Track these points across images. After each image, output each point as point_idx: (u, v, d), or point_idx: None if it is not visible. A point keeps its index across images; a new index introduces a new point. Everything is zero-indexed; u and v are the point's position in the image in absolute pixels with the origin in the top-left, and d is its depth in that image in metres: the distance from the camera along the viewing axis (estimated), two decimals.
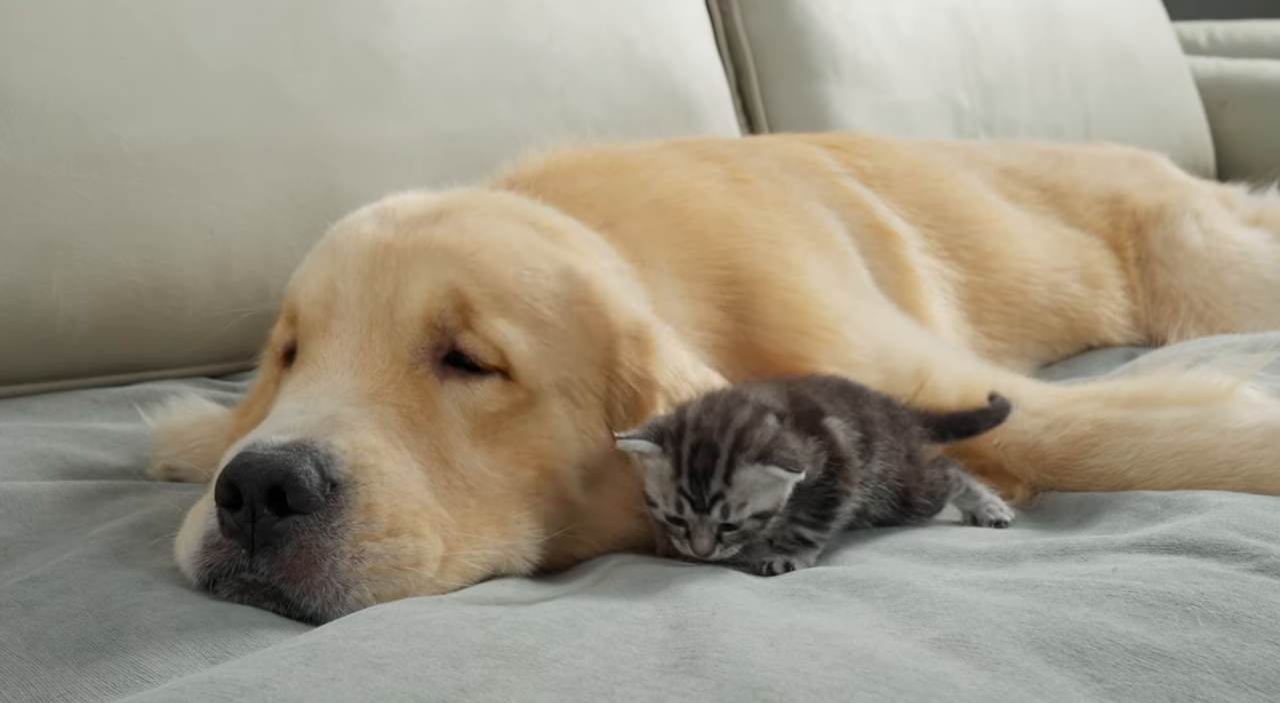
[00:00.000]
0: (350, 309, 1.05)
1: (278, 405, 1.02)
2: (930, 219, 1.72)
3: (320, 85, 1.72)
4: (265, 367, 1.22)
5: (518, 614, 0.84)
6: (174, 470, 1.32)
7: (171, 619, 0.87)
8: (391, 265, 1.07)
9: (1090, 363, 1.76)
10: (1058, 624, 0.81)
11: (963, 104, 2.74)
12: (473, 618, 0.83)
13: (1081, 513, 1.14)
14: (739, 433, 0.95)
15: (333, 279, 1.07)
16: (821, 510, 1.00)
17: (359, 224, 1.13)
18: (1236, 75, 3.54)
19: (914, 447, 1.10)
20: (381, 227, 1.11)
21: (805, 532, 1.00)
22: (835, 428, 1.01)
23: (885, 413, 1.10)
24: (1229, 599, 0.84)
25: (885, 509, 1.08)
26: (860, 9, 2.59)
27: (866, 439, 1.04)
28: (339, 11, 1.75)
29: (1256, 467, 1.10)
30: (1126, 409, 1.18)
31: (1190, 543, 0.96)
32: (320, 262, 1.11)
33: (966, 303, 1.71)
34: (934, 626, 0.82)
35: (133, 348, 1.58)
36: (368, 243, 1.09)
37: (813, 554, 1.01)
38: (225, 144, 1.62)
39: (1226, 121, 3.48)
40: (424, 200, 1.17)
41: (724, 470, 0.94)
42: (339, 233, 1.14)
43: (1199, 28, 3.82)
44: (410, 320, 1.04)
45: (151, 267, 1.56)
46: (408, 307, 1.04)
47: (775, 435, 0.96)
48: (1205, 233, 1.99)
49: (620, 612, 0.86)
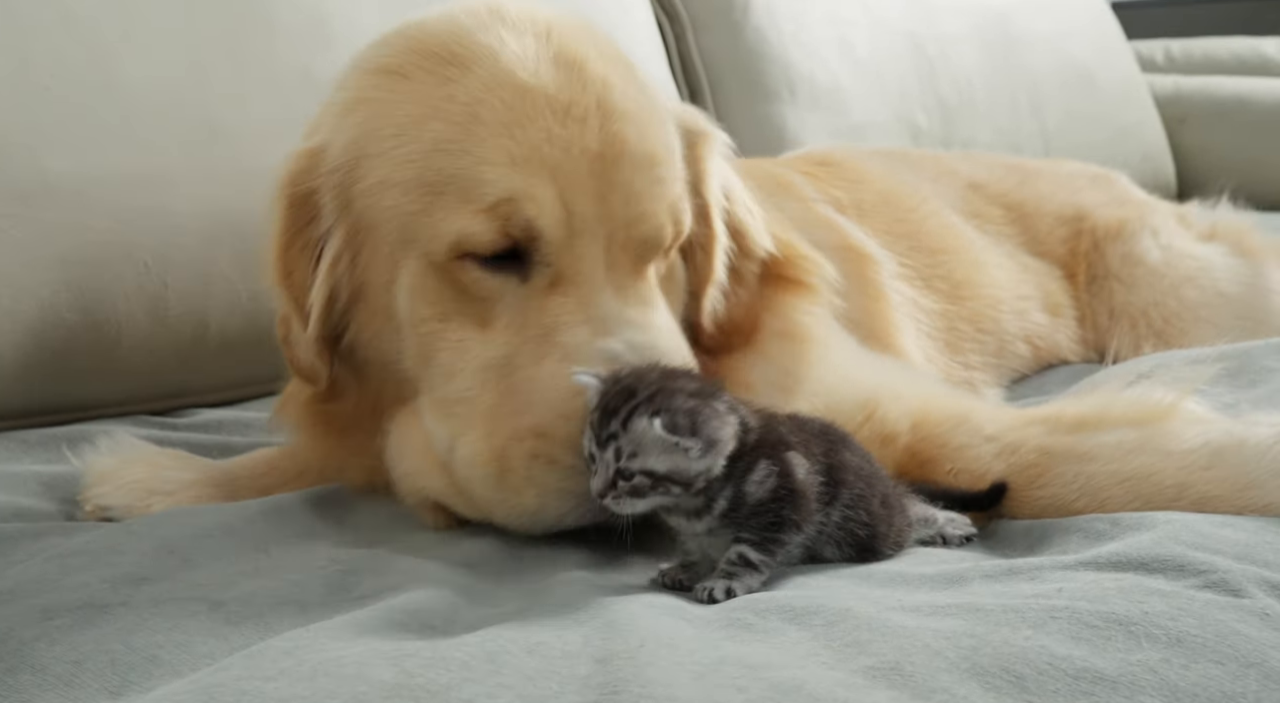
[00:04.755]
0: (589, 226, 1.09)
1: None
2: (904, 248, 1.70)
3: (259, 113, 1.68)
4: (456, 271, 1.10)
5: (436, 648, 0.81)
6: (106, 510, 1.28)
7: (71, 652, 0.84)
8: (613, 179, 1.10)
9: (1047, 381, 1.74)
10: (997, 649, 0.78)
11: (921, 125, 2.74)
12: (388, 655, 0.79)
13: (1033, 537, 1.11)
14: (660, 390, 0.94)
15: (567, 197, 1.08)
16: (768, 533, 0.97)
17: (552, 123, 1.09)
18: (1194, 92, 3.56)
19: (888, 492, 1.07)
20: (580, 133, 1.09)
21: (749, 553, 0.97)
22: (795, 462, 0.98)
23: (866, 464, 1.07)
24: (1174, 618, 0.81)
25: (839, 554, 1.06)
26: (815, 31, 2.59)
27: (832, 486, 1.01)
28: (278, 37, 1.73)
29: (1204, 489, 1.07)
30: (1070, 434, 1.15)
31: (1137, 560, 0.93)
32: (536, 172, 1.07)
33: (943, 332, 1.68)
34: (870, 653, 0.79)
35: (66, 387, 1.54)
36: (582, 156, 1.09)
37: (756, 579, 0.98)
38: (159, 175, 1.58)
39: (1186, 138, 3.50)
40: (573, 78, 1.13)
41: (625, 415, 0.94)
42: (526, 148, 1.08)
43: (1156, 46, 3.84)
44: (649, 240, 1.12)
45: (83, 303, 1.52)
46: (644, 227, 1.11)
47: (696, 409, 0.94)
48: (1163, 249, 1.98)
49: (546, 645, 0.82)
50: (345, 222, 1.13)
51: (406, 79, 1.12)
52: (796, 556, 1.02)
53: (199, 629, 0.91)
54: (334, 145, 1.13)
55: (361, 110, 1.13)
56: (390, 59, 1.15)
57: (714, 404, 0.96)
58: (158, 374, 1.61)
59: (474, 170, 1.07)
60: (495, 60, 1.10)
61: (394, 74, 1.13)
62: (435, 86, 1.10)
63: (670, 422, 0.93)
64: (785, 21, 2.53)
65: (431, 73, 1.11)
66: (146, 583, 1.00)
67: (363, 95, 1.14)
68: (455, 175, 1.08)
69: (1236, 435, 1.10)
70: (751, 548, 0.97)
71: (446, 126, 1.09)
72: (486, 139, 1.07)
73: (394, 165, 1.10)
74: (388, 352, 1.17)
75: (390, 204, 1.10)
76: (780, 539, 0.98)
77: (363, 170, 1.12)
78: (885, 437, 1.21)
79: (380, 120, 1.12)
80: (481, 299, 1.10)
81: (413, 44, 1.15)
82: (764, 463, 0.96)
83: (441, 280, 1.10)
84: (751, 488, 0.96)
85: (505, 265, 1.09)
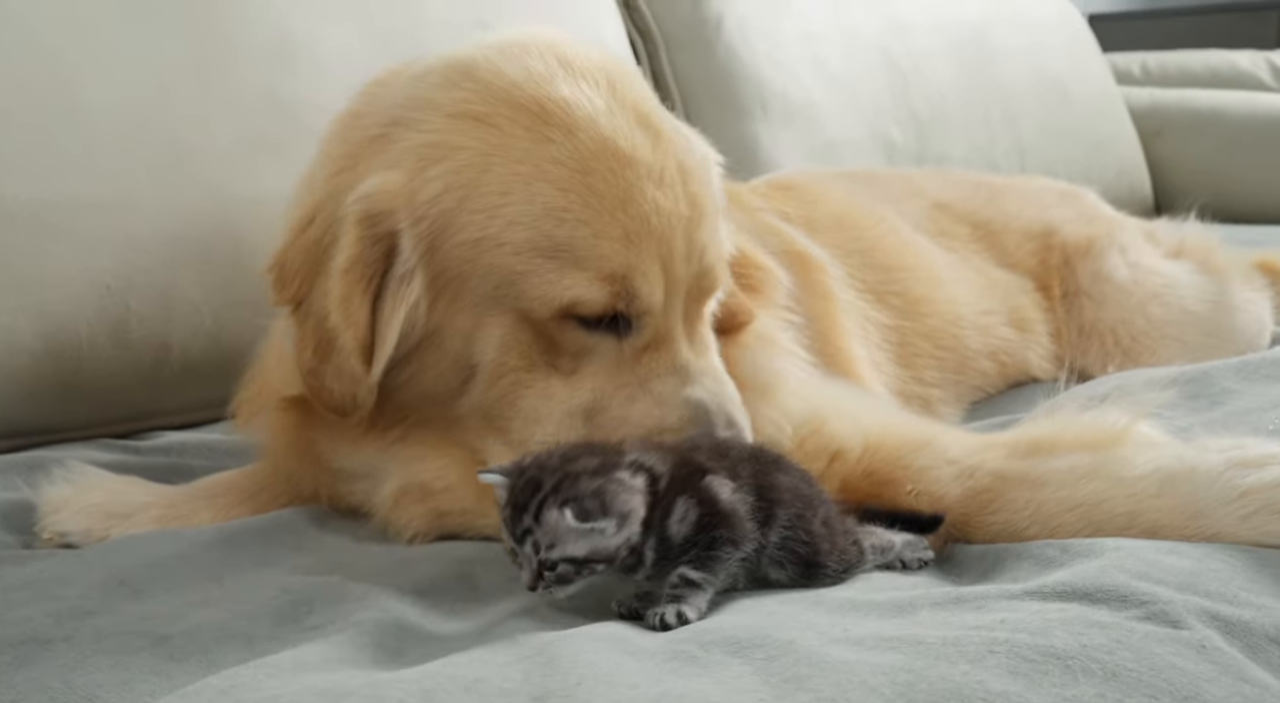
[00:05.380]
0: (679, 288, 1.15)
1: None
2: (857, 264, 1.70)
3: (224, 136, 1.68)
4: (561, 331, 1.14)
5: (374, 687, 0.80)
6: (65, 536, 1.28)
7: (8, 691, 0.83)
8: (694, 240, 1.16)
9: (1013, 401, 1.74)
10: (934, 685, 0.78)
11: (895, 140, 2.75)
12: (325, 693, 0.79)
13: (986, 563, 1.11)
14: (565, 477, 0.95)
15: (664, 266, 1.13)
16: (705, 552, 0.98)
17: (655, 193, 1.13)
18: (1170, 105, 3.58)
19: (830, 514, 1.07)
20: (674, 199, 1.14)
21: (689, 573, 0.97)
22: (715, 485, 0.99)
23: (804, 486, 1.07)
24: (1111, 652, 0.81)
25: (784, 574, 1.06)
26: (789, 49, 2.60)
27: (766, 505, 1.02)
28: (242, 61, 1.72)
29: (1154, 517, 1.07)
30: (1024, 459, 1.15)
31: (1082, 590, 0.93)
32: (645, 246, 1.12)
33: (895, 346, 1.68)
34: (808, 690, 0.79)
35: (27, 412, 1.53)
36: (678, 222, 1.14)
37: (702, 597, 0.99)
38: (121, 200, 1.58)
39: (1162, 151, 3.51)
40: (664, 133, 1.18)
41: (535, 508, 0.95)
42: (637, 222, 1.12)
43: (1133, 58, 3.86)
44: (712, 286, 1.20)
45: (43, 327, 1.51)
46: (711, 277, 1.19)
47: (601, 488, 0.95)
48: (1131, 266, 1.99)
49: (484, 682, 0.82)
50: (428, 268, 1.13)
51: (500, 132, 1.12)
52: (740, 576, 1.02)
53: (141, 667, 0.91)
54: (423, 192, 1.12)
55: (453, 158, 1.12)
56: (475, 106, 1.14)
57: (618, 476, 0.97)
58: (120, 398, 1.60)
59: (591, 243, 1.11)
60: (594, 125, 1.13)
61: (484, 123, 1.13)
62: (535, 145, 1.12)
63: (579, 509, 0.94)
64: (758, 39, 2.53)
65: (529, 130, 1.12)
66: (93, 616, 1.00)
67: (450, 141, 1.13)
68: (570, 244, 1.11)
69: (1187, 462, 1.10)
70: (690, 568, 0.97)
71: (557, 193, 1.11)
72: (602, 213, 1.11)
73: (501, 226, 1.11)
74: (447, 393, 1.18)
75: (492, 262, 1.11)
76: (717, 556, 0.98)
77: (460, 224, 1.12)
78: (834, 453, 1.21)
79: (479, 174, 1.11)
80: (572, 354, 1.14)
81: (495, 92, 1.14)
82: (680, 501, 0.98)
83: (536, 335, 1.14)
84: (674, 529, 0.97)
85: (602, 325, 1.14)
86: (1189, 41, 4.05)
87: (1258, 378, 1.53)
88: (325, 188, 1.18)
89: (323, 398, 1.17)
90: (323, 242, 1.15)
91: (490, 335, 1.14)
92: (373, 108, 1.22)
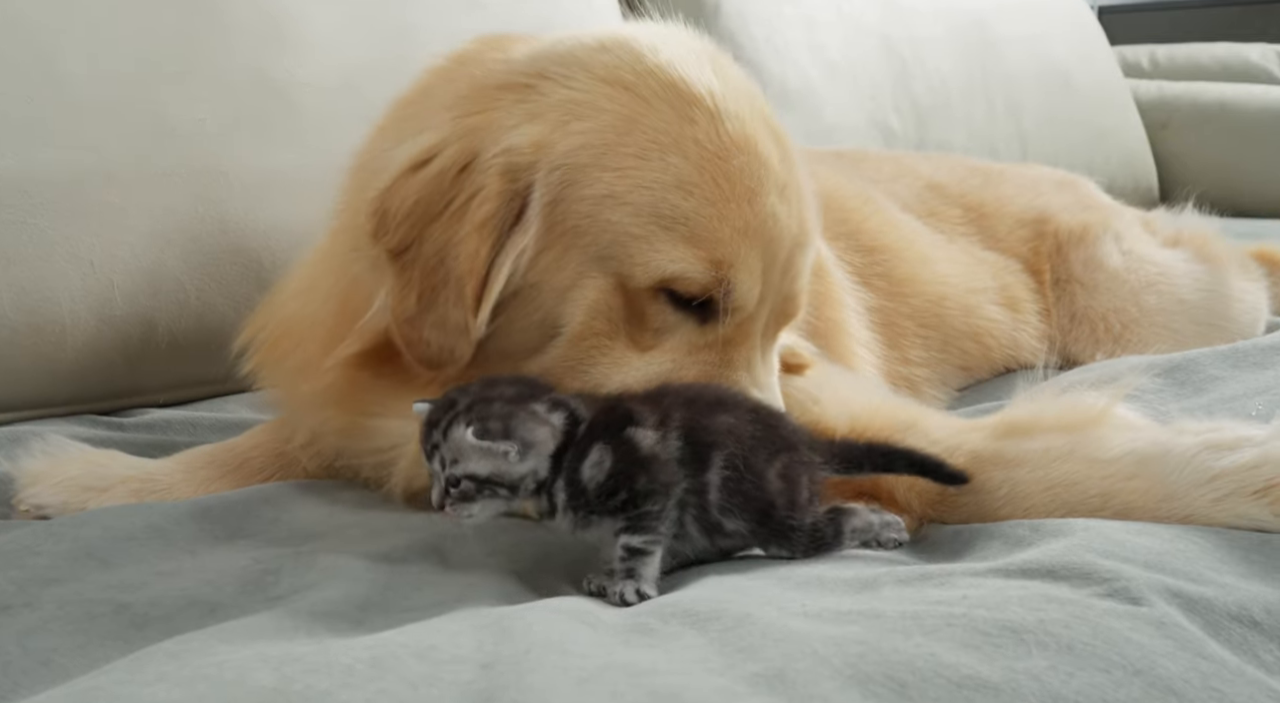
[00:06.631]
0: (770, 299, 1.17)
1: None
2: (842, 248, 1.70)
3: (211, 113, 1.68)
4: (653, 310, 1.14)
5: (325, 653, 0.80)
6: (41, 508, 1.28)
7: None
8: (794, 261, 1.19)
9: (1000, 388, 1.73)
10: (885, 656, 0.77)
11: (894, 127, 2.73)
12: (272, 659, 0.78)
13: (959, 543, 1.10)
14: (477, 400, 0.98)
15: (765, 271, 1.15)
16: (632, 512, 0.98)
17: (777, 202, 1.15)
18: (1177, 97, 3.56)
19: (791, 469, 1.04)
20: (789, 214, 1.17)
21: (631, 540, 0.97)
22: (636, 436, 0.99)
23: (759, 427, 1.05)
24: (1067, 626, 0.80)
25: (739, 524, 1.03)
26: (787, 34, 2.59)
27: (700, 448, 1.00)
28: (231, 37, 1.72)
29: (1127, 499, 1.06)
30: (1001, 440, 1.14)
31: (1046, 567, 0.93)
32: (756, 245, 1.13)
33: (880, 327, 1.68)
34: (758, 659, 0.79)
35: (9, 387, 1.53)
36: (788, 237, 1.16)
37: (651, 564, 0.98)
38: (106, 174, 1.58)
39: (1168, 143, 3.49)
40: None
41: (445, 425, 0.97)
42: (758, 220, 1.13)
43: (1141, 50, 3.84)
44: (793, 314, 1.23)
45: (26, 302, 1.51)
46: (795, 303, 1.22)
47: (510, 413, 0.97)
48: (1125, 254, 1.98)
49: (437, 649, 0.82)
50: (546, 219, 1.12)
51: (646, 103, 1.13)
52: (691, 528, 1.01)
53: (100, 632, 0.91)
54: (560, 144, 1.12)
55: (596, 118, 1.12)
56: (625, 74, 1.14)
57: (531, 407, 0.99)
58: (104, 374, 1.60)
59: (710, 224, 1.11)
60: (738, 119, 1.14)
61: (631, 92, 1.13)
62: (679, 122, 1.12)
63: (481, 428, 0.96)
64: (756, 24, 2.52)
65: (674, 107, 1.13)
66: (56, 585, 1.00)
67: (596, 102, 1.13)
68: (690, 219, 1.11)
69: (1162, 445, 1.09)
70: (630, 534, 0.97)
71: (693, 168, 1.11)
72: (730, 199, 1.12)
73: (629, 186, 1.11)
74: (524, 352, 1.17)
75: (610, 219, 1.11)
76: (649, 511, 0.98)
77: (590, 179, 1.11)
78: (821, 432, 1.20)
79: (620, 136, 1.12)
80: (655, 330, 1.14)
81: (647, 65, 1.15)
82: (596, 447, 0.98)
83: (626, 304, 1.13)
84: (587, 473, 0.98)
85: (692, 307, 1.14)
86: (1199, 34, 4.03)
87: (1245, 365, 1.52)
88: (452, 129, 1.15)
89: (418, 350, 1.14)
90: (445, 186, 1.12)
91: (584, 296, 1.13)
92: (498, 58, 1.22)
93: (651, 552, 0.97)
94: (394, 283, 1.14)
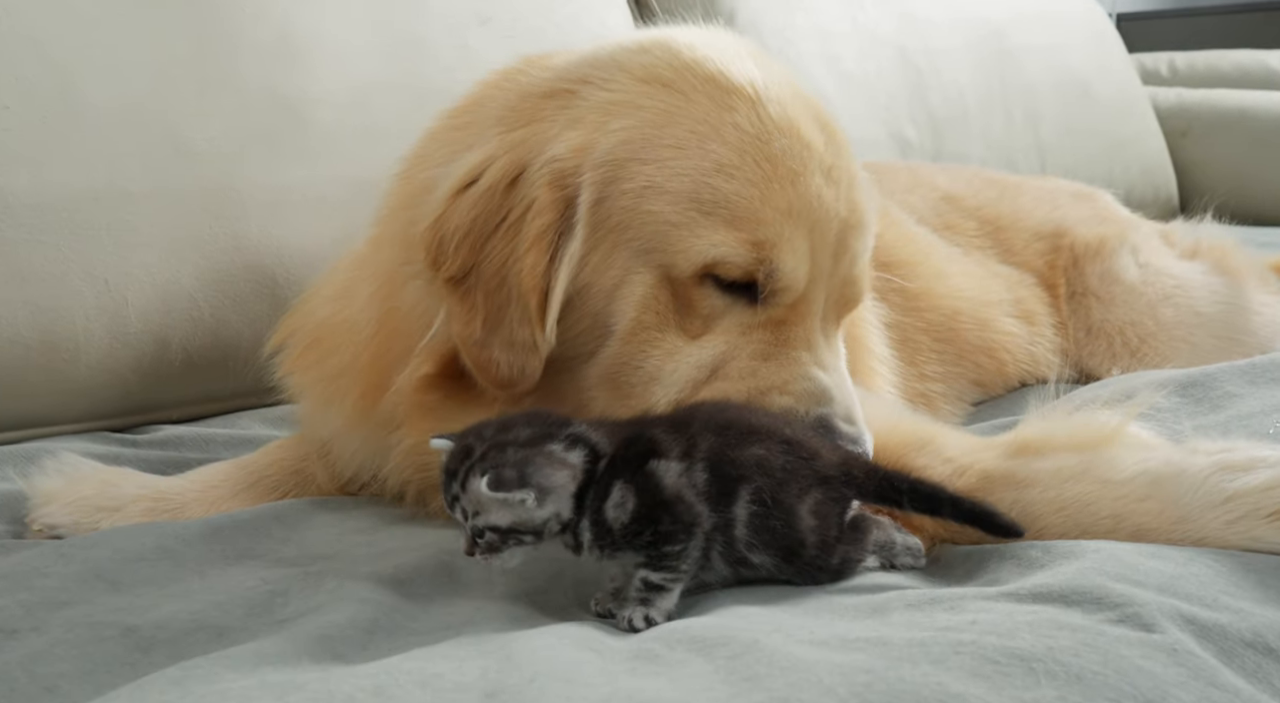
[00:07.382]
0: (820, 282, 1.16)
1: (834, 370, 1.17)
2: None
3: (224, 130, 1.69)
4: (696, 293, 1.13)
5: (327, 681, 0.80)
6: (54, 528, 1.29)
7: None
8: (847, 244, 1.18)
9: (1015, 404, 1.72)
10: (891, 685, 0.77)
11: (910, 139, 2.72)
12: (275, 687, 0.78)
13: (970, 564, 1.09)
14: (492, 447, 0.95)
15: (813, 252, 1.14)
16: (654, 550, 0.96)
17: (822, 184, 1.14)
18: (1196, 104, 3.54)
19: (823, 506, 1.01)
20: (836, 197, 1.16)
21: (650, 576, 0.96)
22: (659, 472, 0.96)
23: (791, 458, 1.01)
24: (1077, 654, 0.79)
25: (764, 558, 1.01)
26: (801, 45, 2.58)
27: (727, 481, 0.98)
28: (244, 54, 1.73)
29: (1140, 521, 1.05)
30: (1012, 459, 1.13)
31: (1058, 592, 0.92)
32: (801, 226, 1.13)
33: (897, 344, 1.67)
34: (763, 689, 0.78)
35: (22, 404, 1.54)
36: (836, 218, 1.15)
37: (669, 598, 0.97)
38: (120, 192, 1.59)
39: (1188, 151, 3.47)
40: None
41: (463, 476, 0.95)
42: (802, 201, 1.13)
43: (1161, 58, 3.81)
44: (854, 300, 1.22)
45: (40, 319, 1.52)
46: (855, 289, 1.21)
47: (524, 459, 0.94)
48: (1141, 267, 1.96)
49: (441, 678, 0.81)
50: (591, 219, 1.12)
51: (685, 97, 1.14)
52: (716, 560, 0.99)
53: (107, 657, 0.91)
54: (600, 145, 1.12)
55: (634, 116, 1.13)
56: (663, 72, 1.15)
57: (547, 449, 0.96)
58: (118, 391, 1.61)
59: (750, 206, 1.11)
60: (780, 104, 1.15)
61: (670, 88, 1.15)
62: (718, 110, 1.13)
63: (495, 478, 0.93)
64: (770, 35, 2.52)
65: (712, 98, 1.14)
66: (65, 607, 1.00)
67: (634, 101, 1.14)
68: (730, 202, 1.11)
69: (1175, 465, 1.08)
70: (650, 570, 0.96)
71: (732, 152, 1.12)
72: (771, 181, 1.12)
73: (668, 175, 1.11)
74: (580, 356, 1.16)
75: (650, 210, 1.11)
76: (671, 552, 0.96)
77: (630, 173, 1.12)
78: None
79: (657, 130, 1.12)
80: (704, 317, 1.14)
81: (685, 62, 1.16)
82: (619, 486, 0.96)
83: (674, 295, 1.13)
84: (611, 513, 0.95)
85: (737, 289, 1.13)
86: (1219, 41, 4.00)
87: (1263, 381, 1.50)
88: (498, 143, 1.15)
89: (489, 372, 1.13)
90: (496, 203, 1.12)
91: (632, 292, 1.13)
92: (544, 66, 1.23)
93: (669, 589, 0.96)
94: (458, 308, 1.14)
